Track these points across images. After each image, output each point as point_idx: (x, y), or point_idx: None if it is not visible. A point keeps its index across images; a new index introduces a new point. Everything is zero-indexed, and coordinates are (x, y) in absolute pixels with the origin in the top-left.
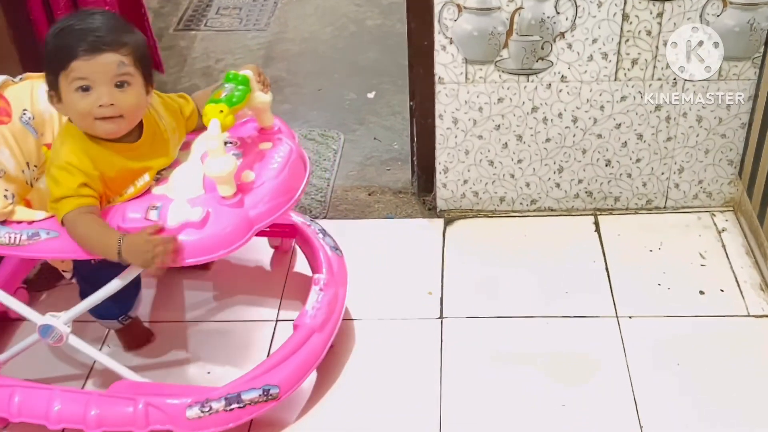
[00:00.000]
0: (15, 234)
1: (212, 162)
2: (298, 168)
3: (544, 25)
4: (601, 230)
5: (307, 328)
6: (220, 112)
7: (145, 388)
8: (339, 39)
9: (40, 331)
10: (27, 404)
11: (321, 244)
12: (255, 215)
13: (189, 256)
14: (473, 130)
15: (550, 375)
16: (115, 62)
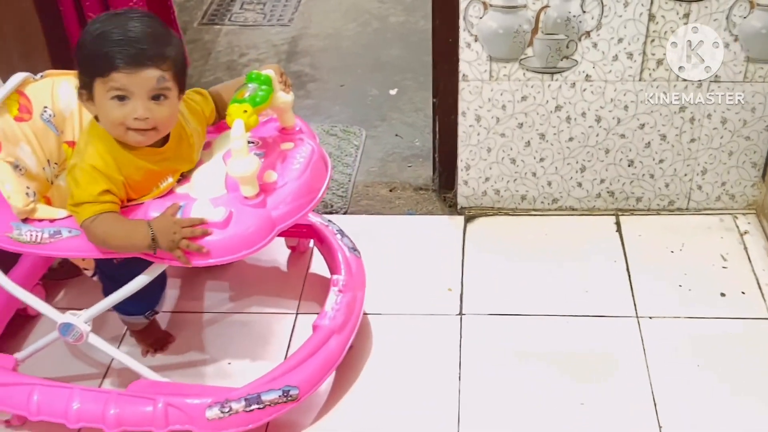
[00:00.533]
0: (37, 232)
1: (236, 162)
2: (320, 168)
3: (569, 23)
4: (622, 230)
5: (327, 329)
6: (244, 112)
7: (164, 388)
8: (362, 35)
9: (60, 329)
10: (46, 403)
11: (339, 245)
12: (277, 216)
13: (212, 256)
14: (496, 128)
15: (570, 373)
16: (156, 77)
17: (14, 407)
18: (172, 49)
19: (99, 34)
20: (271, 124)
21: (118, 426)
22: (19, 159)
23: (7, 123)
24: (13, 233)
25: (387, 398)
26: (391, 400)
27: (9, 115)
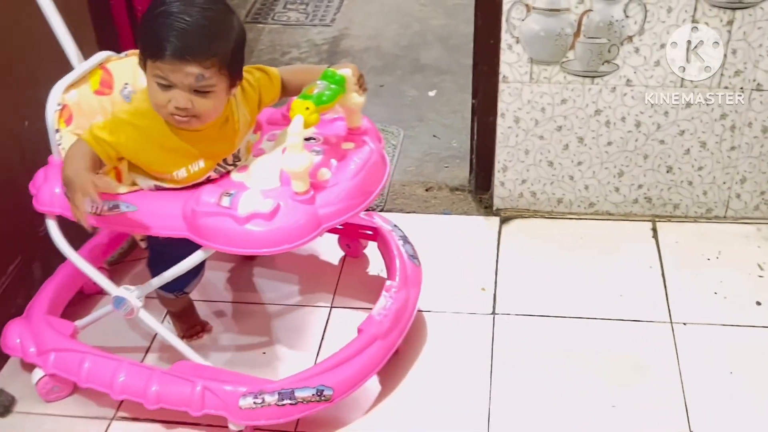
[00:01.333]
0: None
1: (289, 157)
2: (376, 172)
3: (612, 28)
4: (658, 236)
5: (371, 334)
6: (306, 109)
7: (205, 372)
8: (403, 37)
9: (114, 302)
10: (95, 372)
11: (400, 251)
12: (324, 214)
13: (254, 246)
14: (534, 130)
15: (601, 376)
16: (195, 74)
17: (67, 372)
18: (222, 44)
19: (158, 14)
20: (339, 123)
21: (157, 403)
22: None
23: (86, 95)
24: None
25: (417, 394)
26: (421, 397)
27: (89, 88)
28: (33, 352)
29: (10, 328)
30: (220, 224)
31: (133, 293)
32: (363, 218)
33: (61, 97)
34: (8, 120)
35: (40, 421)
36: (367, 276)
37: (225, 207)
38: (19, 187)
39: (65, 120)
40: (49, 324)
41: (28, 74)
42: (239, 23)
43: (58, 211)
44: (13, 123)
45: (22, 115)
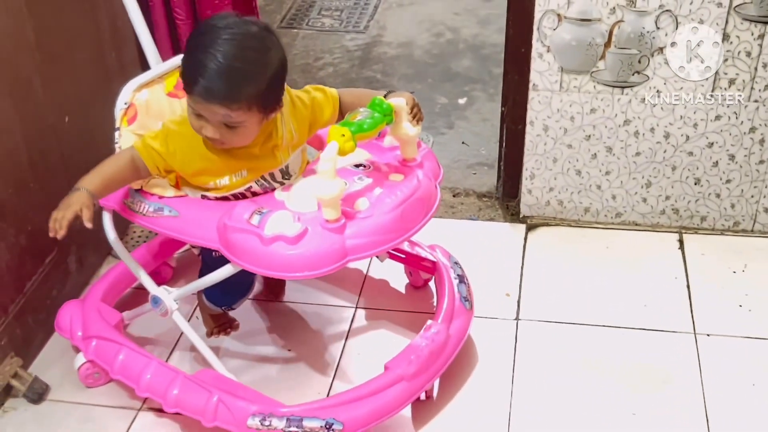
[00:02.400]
0: (145, 204)
1: (320, 183)
2: (418, 208)
3: (643, 39)
4: (685, 248)
5: (397, 374)
6: (342, 136)
7: (224, 384)
8: (435, 45)
9: (151, 300)
10: (127, 365)
11: (452, 290)
12: (352, 245)
13: (275, 269)
14: (563, 139)
15: (623, 384)
16: (222, 114)
17: (104, 360)
18: (253, 86)
19: (196, 45)
20: (395, 152)
21: (175, 406)
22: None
23: (157, 96)
24: (128, 200)
25: (438, 396)
26: (442, 399)
27: (163, 89)
28: (80, 335)
29: (65, 309)
30: (246, 242)
31: (170, 295)
32: (424, 249)
33: (131, 96)
34: (49, 115)
35: (70, 409)
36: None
37: (253, 225)
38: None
39: (129, 119)
40: (99, 311)
41: (70, 71)
42: (279, 57)
43: (111, 205)
44: (54, 118)
45: (64, 111)
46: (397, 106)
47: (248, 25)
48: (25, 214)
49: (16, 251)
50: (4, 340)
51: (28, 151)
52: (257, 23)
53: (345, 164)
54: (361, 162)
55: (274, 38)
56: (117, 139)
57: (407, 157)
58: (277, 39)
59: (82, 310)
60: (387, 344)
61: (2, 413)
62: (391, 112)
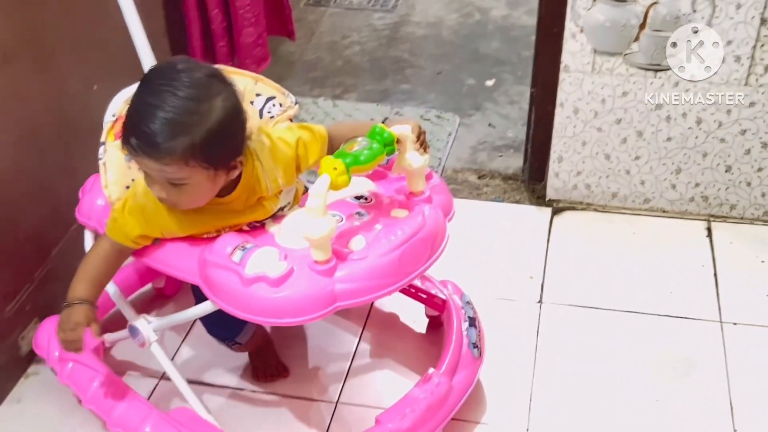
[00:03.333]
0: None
1: (307, 222)
2: (420, 249)
3: (678, 21)
4: (713, 236)
5: (388, 429)
6: (334, 169)
7: (201, 426)
8: (463, 26)
9: (129, 330)
10: (99, 395)
11: (460, 335)
12: (342, 290)
13: (255, 313)
14: (593, 122)
15: (647, 370)
16: (156, 169)
17: (77, 386)
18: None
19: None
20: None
21: None
22: None
23: None
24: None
25: None
26: None
27: None
28: (56, 356)
29: (44, 326)
30: (225, 280)
31: (150, 325)
32: (435, 285)
33: (120, 107)
34: (77, 83)
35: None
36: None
37: (234, 262)
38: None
39: (116, 133)
40: None
41: (99, 38)
42: (227, 106)
43: (93, 225)
44: (82, 86)
45: (92, 78)
46: (400, 135)
47: (195, 72)
48: (51, 181)
49: (40, 218)
50: (29, 307)
51: (53, 119)
52: (207, 69)
53: (344, 196)
54: (362, 194)
55: (224, 86)
56: (101, 155)
57: (414, 190)
58: (228, 87)
59: None
60: (389, 388)
61: (24, 379)
62: (393, 142)
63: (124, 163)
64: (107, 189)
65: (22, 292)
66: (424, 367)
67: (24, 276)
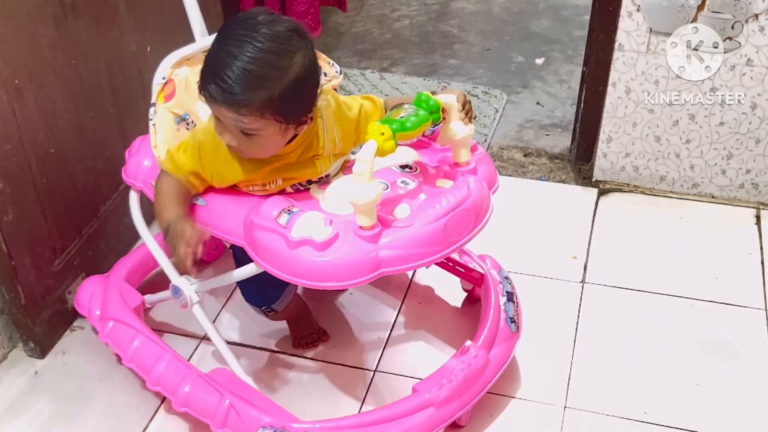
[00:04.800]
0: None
1: (354, 187)
2: (465, 220)
3: (738, 3)
4: (762, 224)
5: (425, 398)
6: (381, 134)
7: (238, 388)
8: (514, 3)
9: (172, 290)
10: (140, 354)
11: (498, 309)
12: (386, 257)
13: (300, 276)
14: (645, 103)
15: (688, 354)
16: (232, 118)
17: (118, 345)
18: (264, 92)
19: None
20: (448, 153)
21: (184, 405)
22: (192, 113)
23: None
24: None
25: None
26: None
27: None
28: (97, 315)
29: (85, 285)
30: (270, 242)
31: (192, 286)
32: (473, 259)
33: (169, 71)
34: (131, 44)
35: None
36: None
37: (281, 225)
38: (135, 111)
39: (166, 95)
40: (120, 291)
41: (154, 1)
42: (305, 63)
43: (139, 186)
44: (136, 47)
45: (146, 40)
46: (445, 104)
47: (276, 25)
48: (104, 138)
49: (92, 175)
50: (77, 261)
51: (110, 77)
52: (288, 23)
53: (390, 164)
54: (407, 163)
55: (303, 42)
56: (152, 116)
57: (459, 161)
58: (307, 42)
59: (103, 288)
60: (426, 360)
61: (70, 332)
62: (439, 110)
63: (174, 125)
64: (157, 149)
65: (71, 247)
66: (461, 340)
67: (73, 231)
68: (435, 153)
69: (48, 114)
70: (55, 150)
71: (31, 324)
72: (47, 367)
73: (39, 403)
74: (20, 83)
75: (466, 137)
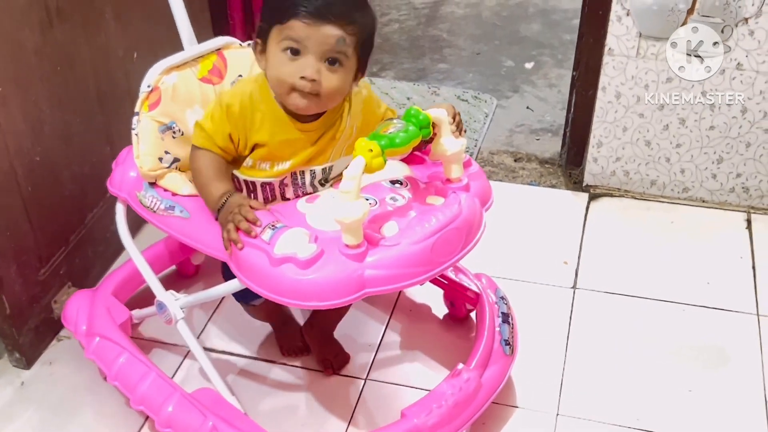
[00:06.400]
0: (157, 200)
1: (340, 205)
2: (455, 239)
3: (728, 7)
4: (752, 228)
5: (413, 424)
6: (369, 151)
7: (222, 409)
8: (504, 7)
9: (156, 305)
10: (124, 371)
11: (493, 331)
12: (371, 276)
13: (282, 294)
14: (635, 107)
15: (680, 359)
16: (336, 36)
17: (103, 362)
18: (362, 14)
19: None
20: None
21: (167, 426)
22: (180, 121)
23: (188, 80)
24: (140, 193)
25: None
26: None
27: (196, 74)
28: (83, 330)
29: (73, 300)
30: (253, 258)
31: (177, 302)
32: (469, 278)
33: (156, 79)
34: (119, 49)
35: None
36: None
37: (263, 240)
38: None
39: (150, 104)
40: (107, 307)
41: (140, 6)
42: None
43: (124, 197)
44: (123, 53)
45: (133, 46)
46: (435, 118)
47: None
48: (90, 144)
49: (79, 182)
50: (63, 269)
51: (97, 83)
52: None
53: (380, 179)
54: (397, 178)
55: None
56: (134, 125)
57: (450, 177)
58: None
59: (90, 303)
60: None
61: (57, 341)
62: (429, 125)
63: (158, 134)
64: (139, 159)
65: (57, 255)
66: (451, 358)
67: (59, 239)
68: (428, 168)
69: (34, 121)
70: (41, 157)
71: (17, 334)
72: (34, 378)
73: (26, 413)
74: (5, 90)
75: (457, 152)
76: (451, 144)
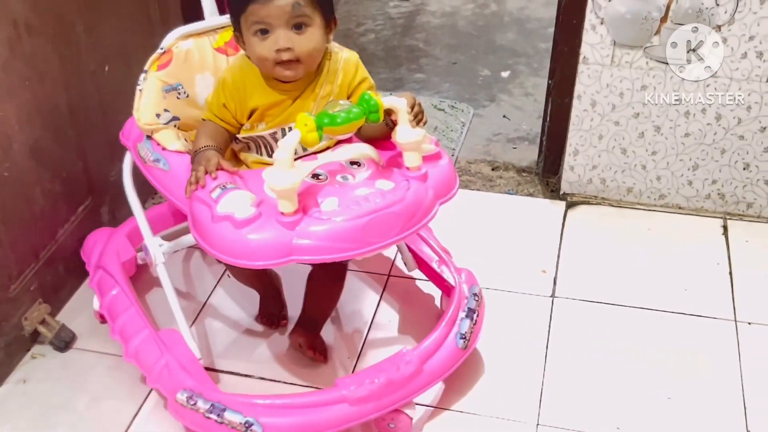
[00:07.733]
0: (149, 152)
1: (273, 173)
2: (391, 223)
3: (701, 15)
4: (729, 234)
5: (340, 393)
6: (305, 126)
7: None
8: (480, 17)
9: (143, 248)
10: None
11: (452, 324)
12: (299, 245)
13: (217, 249)
14: (611, 115)
15: (659, 367)
16: (290, 3)
17: (100, 293)
18: None
19: None
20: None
21: (132, 356)
22: (188, 84)
23: (203, 48)
24: (140, 144)
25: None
26: (473, 374)
27: (212, 43)
28: (93, 262)
29: (94, 234)
30: (200, 212)
31: (161, 247)
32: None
33: (171, 42)
34: (90, 63)
35: (97, 358)
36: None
37: (211, 198)
38: (94, 130)
39: (160, 64)
40: (115, 244)
41: (113, 20)
42: None
43: (129, 145)
44: (94, 66)
45: (104, 59)
46: (391, 105)
47: None
48: (61, 159)
49: (50, 197)
50: (34, 286)
51: (68, 97)
52: None
53: (341, 158)
54: (358, 160)
55: None
56: (140, 83)
57: (409, 165)
58: None
59: (105, 240)
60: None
61: (30, 359)
62: (378, 110)
63: (160, 92)
64: (138, 112)
65: (27, 271)
66: None
67: (30, 256)
68: (400, 155)
69: (1, 136)
70: (10, 173)
71: None
72: (6, 396)
73: None
74: None
75: (413, 141)
76: (407, 133)
